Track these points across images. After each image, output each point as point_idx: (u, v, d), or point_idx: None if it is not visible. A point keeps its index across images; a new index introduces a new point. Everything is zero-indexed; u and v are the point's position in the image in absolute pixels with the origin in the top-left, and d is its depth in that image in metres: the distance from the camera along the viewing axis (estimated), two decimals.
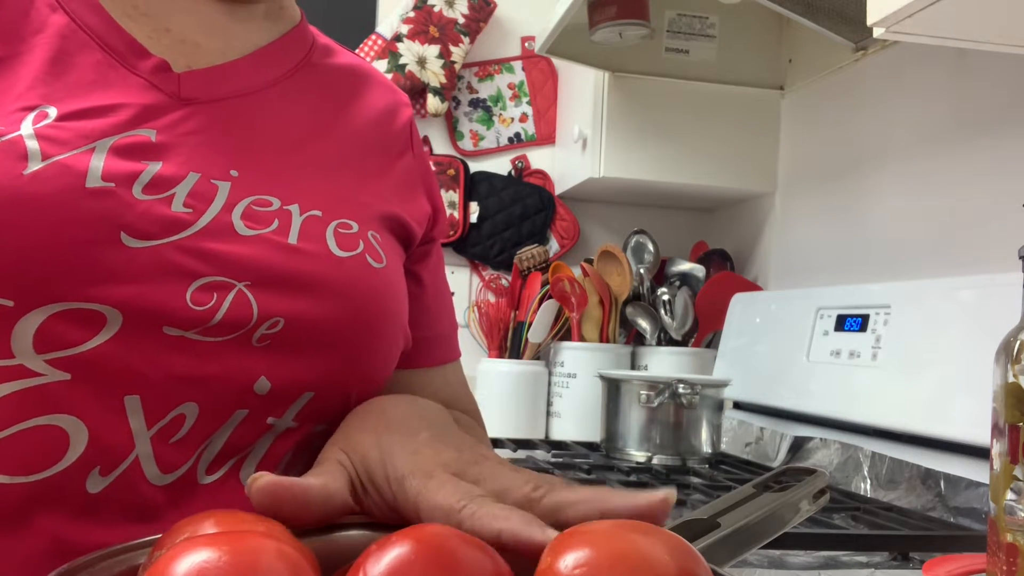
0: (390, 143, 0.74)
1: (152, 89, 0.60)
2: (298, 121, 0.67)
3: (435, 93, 1.94)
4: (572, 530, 0.35)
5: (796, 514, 0.46)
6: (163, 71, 0.61)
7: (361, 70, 0.76)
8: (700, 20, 1.77)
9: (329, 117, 0.70)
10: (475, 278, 2.03)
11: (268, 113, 0.66)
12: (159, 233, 0.55)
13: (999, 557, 0.57)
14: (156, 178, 0.57)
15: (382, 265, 0.64)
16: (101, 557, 0.36)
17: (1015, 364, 0.57)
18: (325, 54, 0.74)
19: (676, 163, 1.77)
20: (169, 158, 0.58)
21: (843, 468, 1.22)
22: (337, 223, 0.63)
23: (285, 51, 0.70)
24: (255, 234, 0.58)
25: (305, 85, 0.70)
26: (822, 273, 1.58)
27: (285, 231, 0.60)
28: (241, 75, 0.65)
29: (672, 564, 0.33)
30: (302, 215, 0.62)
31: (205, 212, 0.57)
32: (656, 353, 1.77)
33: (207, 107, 0.62)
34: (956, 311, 1.09)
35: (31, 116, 0.55)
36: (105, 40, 0.61)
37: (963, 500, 1.02)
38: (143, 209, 0.55)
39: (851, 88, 1.53)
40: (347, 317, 0.61)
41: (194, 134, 0.60)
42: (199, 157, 0.59)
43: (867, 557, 0.87)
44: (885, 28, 0.83)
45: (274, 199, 0.61)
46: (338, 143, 0.69)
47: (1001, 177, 1.17)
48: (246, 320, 0.57)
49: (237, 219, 0.58)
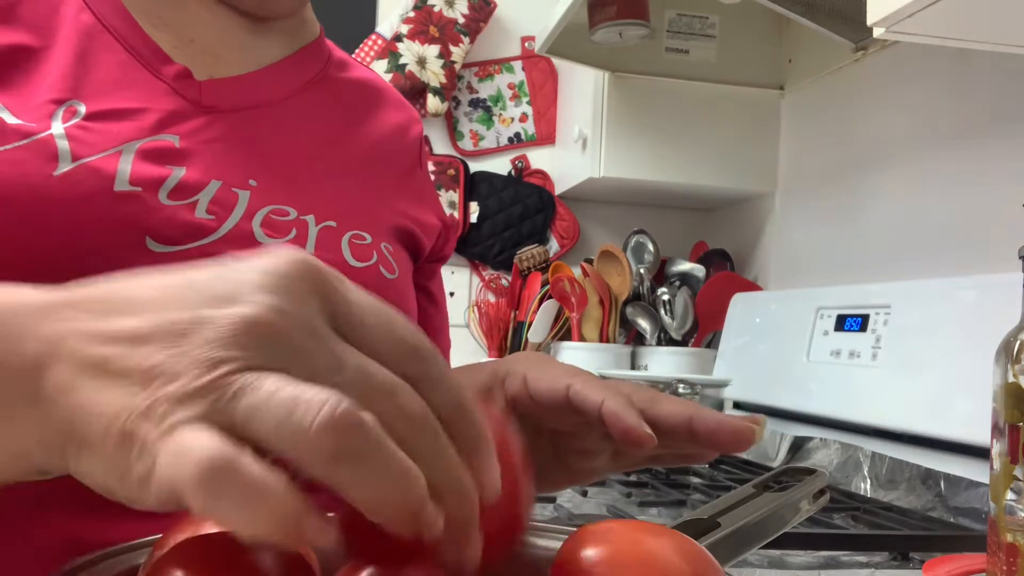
0: (402, 158, 0.76)
1: (175, 95, 0.61)
2: (314, 133, 0.69)
3: (435, 93, 1.94)
4: (586, 529, 0.36)
5: (796, 514, 0.46)
6: (185, 78, 0.62)
7: (375, 85, 0.78)
8: (700, 20, 1.77)
9: (343, 130, 0.71)
10: (475, 278, 2.03)
11: (285, 125, 0.67)
12: (183, 238, 0.56)
13: (999, 557, 0.57)
14: (181, 184, 0.57)
15: (395, 276, 0.66)
16: (102, 557, 0.36)
17: (1015, 364, 0.57)
18: (341, 68, 0.75)
19: (676, 163, 1.77)
20: (192, 164, 0.59)
21: (843, 468, 1.22)
22: (352, 234, 0.64)
23: (302, 64, 0.71)
24: (275, 242, 0.59)
25: (321, 98, 0.71)
26: (822, 273, 1.58)
27: (303, 240, 0.61)
28: (260, 86, 0.66)
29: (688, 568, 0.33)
30: (318, 225, 0.63)
31: (227, 219, 0.58)
32: (656, 353, 1.77)
33: (227, 116, 0.63)
34: (956, 311, 1.09)
35: (61, 111, 0.56)
36: (130, 43, 0.62)
37: (963, 500, 1.02)
38: (168, 214, 0.56)
39: (851, 88, 1.53)
40: None
41: (215, 142, 0.61)
42: (221, 165, 0.60)
43: (867, 557, 0.87)
44: (885, 28, 0.83)
45: (291, 209, 0.62)
46: (352, 156, 0.70)
47: (1001, 177, 1.17)
48: None
49: (257, 227, 0.59)
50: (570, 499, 1.08)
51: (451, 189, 1.98)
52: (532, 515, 0.36)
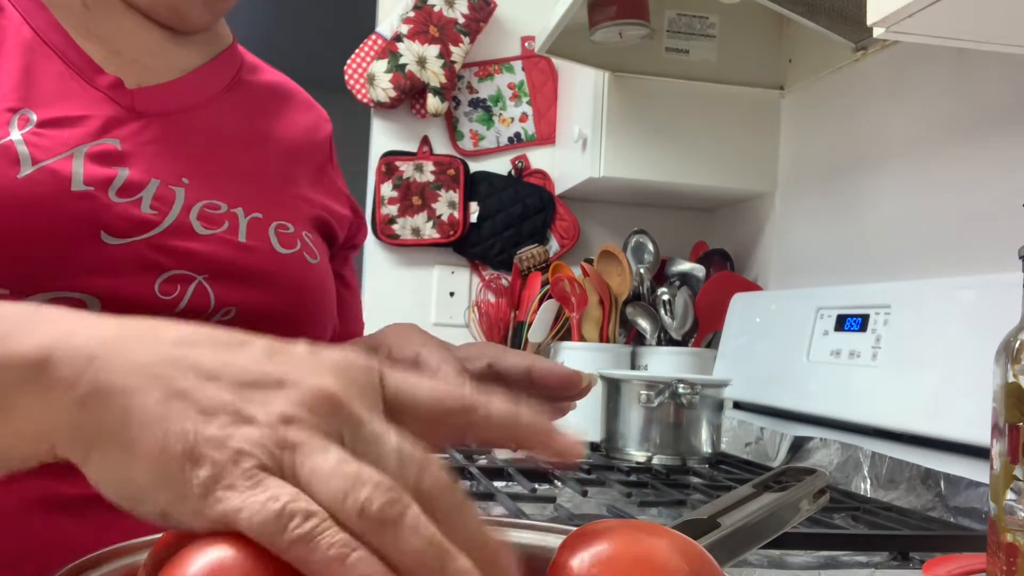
0: (314, 154, 0.83)
1: (110, 102, 0.67)
2: (234, 132, 0.75)
3: (435, 93, 1.94)
4: (585, 528, 0.35)
5: (796, 514, 0.46)
6: (118, 87, 0.67)
7: (284, 88, 0.85)
8: (700, 20, 1.77)
9: (260, 129, 0.78)
10: (475, 278, 2.03)
11: (209, 125, 0.73)
12: (133, 232, 0.62)
13: (999, 557, 0.57)
14: (127, 183, 0.63)
15: (316, 261, 0.73)
16: (102, 557, 0.36)
17: (1015, 364, 0.57)
18: (252, 72, 0.82)
19: (676, 163, 1.77)
20: (133, 165, 0.65)
21: (843, 468, 1.22)
22: (277, 224, 0.71)
23: (218, 70, 0.77)
24: (211, 233, 0.66)
25: (237, 100, 0.78)
26: (822, 273, 1.58)
27: (235, 231, 0.68)
28: (184, 91, 0.72)
29: (686, 568, 0.33)
30: (247, 217, 0.69)
31: (168, 214, 0.65)
32: (656, 353, 1.77)
33: (158, 120, 0.69)
34: (956, 311, 1.09)
35: (16, 118, 0.61)
36: (67, 55, 0.67)
37: (963, 500, 1.02)
38: (119, 211, 0.62)
39: (851, 88, 1.53)
40: (289, 306, 0.69)
41: (151, 144, 0.67)
42: (158, 165, 0.66)
43: (867, 557, 0.87)
44: (885, 28, 0.83)
45: (221, 203, 0.69)
46: (269, 152, 0.77)
47: (1001, 177, 1.17)
48: (204, 309, 0.64)
49: (195, 220, 0.66)
50: (570, 499, 1.08)
51: (451, 189, 1.98)
52: None
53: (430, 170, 1.98)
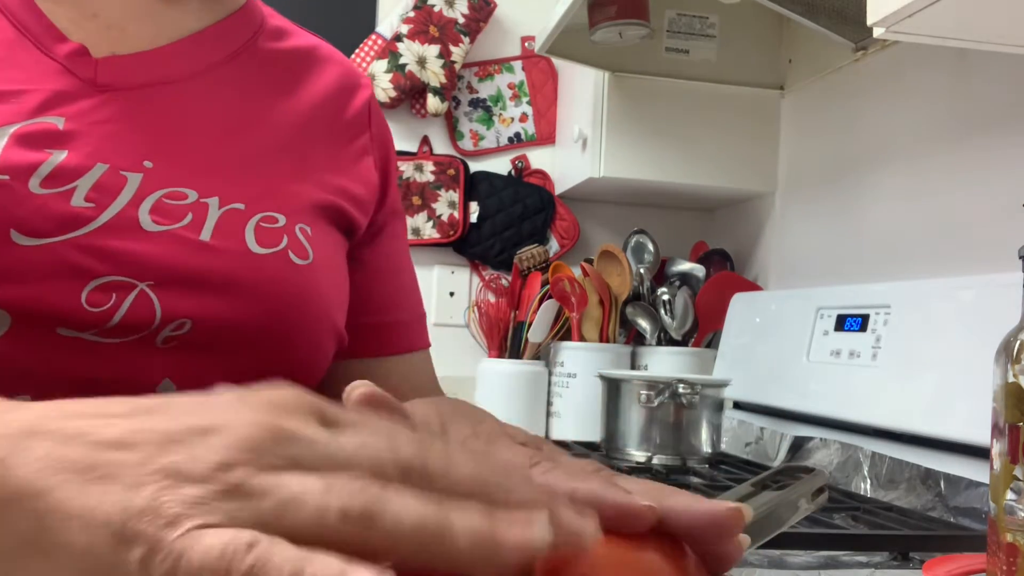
0: (342, 127, 0.71)
1: (66, 74, 0.58)
2: (229, 109, 0.65)
3: (435, 93, 1.94)
4: None
5: (795, 513, 0.46)
6: (80, 56, 0.59)
7: (314, 52, 0.73)
8: (700, 20, 1.77)
9: (266, 104, 0.67)
10: (475, 278, 2.03)
11: (194, 101, 0.63)
12: (54, 230, 0.53)
13: (999, 557, 0.57)
14: (57, 169, 0.54)
15: (307, 262, 0.62)
16: None
17: (1015, 364, 0.57)
18: (275, 37, 0.70)
19: (676, 163, 1.77)
20: (76, 147, 0.56)
21: (843, 468, 1.22)
22: (261, 216, 0.61)
23: (222, 37, 0.67)
24: (163, 230, 0.56)
25: (242, 72, 0.67)
26: (822, 273, 1.58)
27: (198, 226, 0.58)
28: (168, 62, 0.63)
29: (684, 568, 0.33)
30: (221, 208, 0.59)
31: (109, 207, 0.55)
32: (656, 353, 1.77)
33: (124, 95, 0.59)
34: (956, 311, 1.09)
35: None
36: (21, 20, 0.59)
37: (963, 500, 1.02)
38: (38, 204, 0.53)
39: (851, 88, 1.53)
40: (263, 317, 0.59)
41: (106, 123, 0.58)
42: (109, 147, 0.57)
43: (867, 557, 0.87)
44: (885, 28, 0.83)
45: (191, 192, 0.59)
46: (275, 131, 0.66)
47: (1001, 177, 1.17)
48: (148, 321, 0.55)
49: (144, 214, 0.56)
50: None
51: (451, 189, 1.98)
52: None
53: (430, 170, 1.98)
